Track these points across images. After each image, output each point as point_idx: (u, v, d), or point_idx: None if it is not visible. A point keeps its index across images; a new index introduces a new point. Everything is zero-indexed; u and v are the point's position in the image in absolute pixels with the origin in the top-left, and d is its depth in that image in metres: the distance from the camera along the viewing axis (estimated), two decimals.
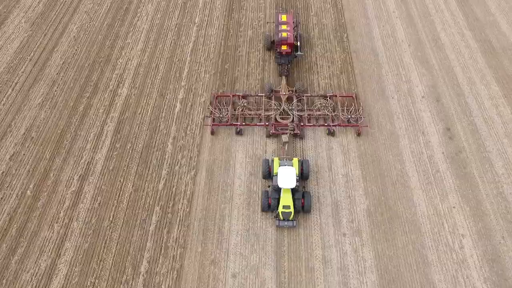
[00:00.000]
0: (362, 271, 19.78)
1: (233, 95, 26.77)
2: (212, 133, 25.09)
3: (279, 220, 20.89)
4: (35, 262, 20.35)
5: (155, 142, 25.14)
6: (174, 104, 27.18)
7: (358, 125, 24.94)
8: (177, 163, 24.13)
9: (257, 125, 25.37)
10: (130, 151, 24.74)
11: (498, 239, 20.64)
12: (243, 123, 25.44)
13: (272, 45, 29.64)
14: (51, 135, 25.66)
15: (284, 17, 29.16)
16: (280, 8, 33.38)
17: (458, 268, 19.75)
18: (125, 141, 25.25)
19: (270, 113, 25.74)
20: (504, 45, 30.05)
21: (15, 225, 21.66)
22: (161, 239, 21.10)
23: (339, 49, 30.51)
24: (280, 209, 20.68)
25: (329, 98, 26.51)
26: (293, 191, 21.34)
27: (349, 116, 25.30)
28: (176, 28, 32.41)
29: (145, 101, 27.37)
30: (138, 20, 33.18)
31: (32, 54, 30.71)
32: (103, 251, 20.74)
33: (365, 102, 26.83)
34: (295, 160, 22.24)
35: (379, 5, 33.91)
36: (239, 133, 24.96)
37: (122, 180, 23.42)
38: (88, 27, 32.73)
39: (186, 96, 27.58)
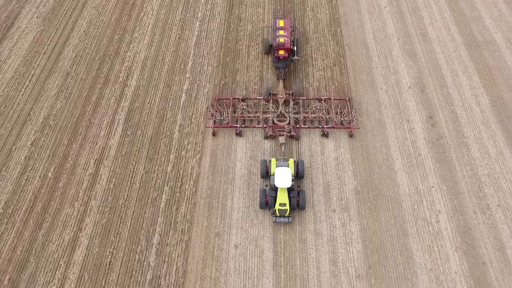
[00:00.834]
0: (349, 242, 22.79)
1: (233, 98, 28.91)
2: (214, 134, 27.27)
3: (276, 216, 23.18)
4: (60, 235, 23.34)
5: (163, 129, 27.97)
6: (179, 94, 29.97)
7: (350, 127, 27.18)
8: (184, 148, 26.99)
9: (256, 127, 27.77)
10: (141, 138, 27.58)
11: (470, 214, 23.63)
12: (243, 125, 27.65)
13: (270, 49, 31.69)
14: (67, 123, 28.48)
15: (281, 23, 31.15)
16: (279, 6, 35.90)
17: (434, 239, 22.76)
18: (135, 129, 28.08)
19: (268, 116, 27.93)
20: (486, 39, 32.76)
21: (39, 203, 24.61)
22: (171, 215, 24.06)
23: (332, 43, 33.21)
24: (277, 206, 22.89)
25: (324, 101, 28.62)
26: (289, 190, 23.58)
27: (342, 119, 27.58)
28: (180, 23, 35.04)
29: (153, 92, 30.14)
30: (144, 15, 35.79)
31: (45, 47, 33.38)
32: (119, 225, 23.72)
33: (356, 92, 29.63)
34: (291, 161, 24.55)
35: (371, 0, 36.49)
36: (239, 134, 27.21)
37: (134, 164, 26.31)
38: (97, 22, 35.35)
39: (190, 87, 30.34)
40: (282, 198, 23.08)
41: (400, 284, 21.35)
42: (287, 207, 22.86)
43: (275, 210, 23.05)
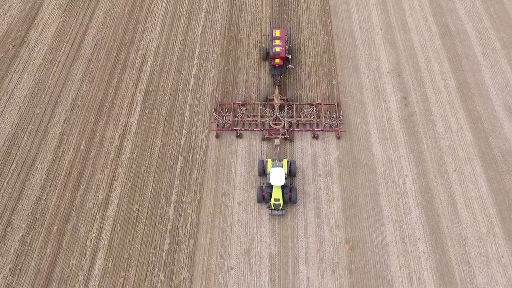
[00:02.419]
0: (331, 200, 28.95)
1: (233, 103, 33.58)
2: (217, 136, 31.91)
3: (271, 209, 28.12)
4: (94, 195, 29.46)
5: (176, 109, 33.82)
6: (189, 79, 35.69)
7: (338, 130, 31.97)
8: (194, 124, 32.90)
9: (254, 130, 32.57)
10: (157, 116, 33.45)
11: (431, 177, 29.75)
12: (242, 128, 32.39)
13: (267, 56, 36.18)
14: (93, 104, 34.30)
15: (277, 32, 35.36)
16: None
17: (400, 197, 28.93)
18: (152, 108, 33.93)
19: (265, 120, 32.64)
20: (459, 29, 38.36)
21: (75, 171, 30.65)
22: (185, 179, 30.14)
23: (323, 32, 38.79)
24: (272, 201, 27.90)
25: (315, 106, 33.35)
26: (283, 187, 28.57)
27: (331, 123, 32.31)
28: (187, 14, 40.50)
29: (165, 76, 35.87)
30: (154, 6, 41.20)
31: (68, 37, 38.92)
32: (142, 187, 29.82)
33: (342, 77, 35.40)
34: (285, 162, 29.58)
35: None
36: (239, 136, 32.09)
37: (152, 138, 32.26)
38: (112, 13, 40.78)
39: (198, 72, 36.06)
40: (277, 194, 28.05)
41: (371, 231, 27.62)
42: (281, 202, 27.82)
43: (271, 204, 28.01)
